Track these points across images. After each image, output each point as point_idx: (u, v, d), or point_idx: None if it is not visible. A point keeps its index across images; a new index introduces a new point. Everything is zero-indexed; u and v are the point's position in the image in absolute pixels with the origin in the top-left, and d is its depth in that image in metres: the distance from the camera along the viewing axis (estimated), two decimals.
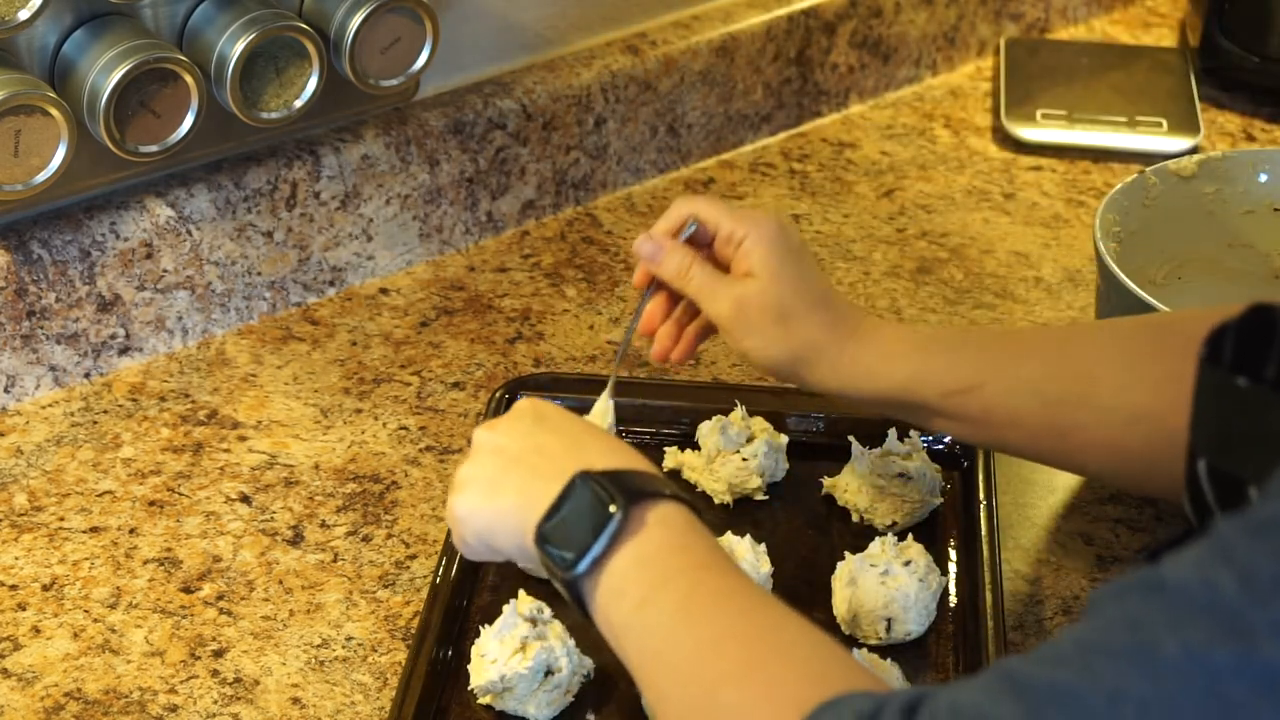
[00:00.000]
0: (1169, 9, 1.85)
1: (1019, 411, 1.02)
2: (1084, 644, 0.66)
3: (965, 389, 1.02)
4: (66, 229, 1.27)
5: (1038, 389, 1.01)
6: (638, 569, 0.85)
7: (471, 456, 0.96)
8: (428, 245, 1.45)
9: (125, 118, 1.22)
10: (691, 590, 0.84)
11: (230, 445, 1.25)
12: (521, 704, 1.02)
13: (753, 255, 1.05)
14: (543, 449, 0.92)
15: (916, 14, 1.69)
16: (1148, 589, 0.66)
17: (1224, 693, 0.62)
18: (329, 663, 1.08)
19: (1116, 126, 1.63)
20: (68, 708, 1.05)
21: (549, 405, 0.97)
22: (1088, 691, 0.65)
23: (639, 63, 1.52)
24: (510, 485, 0.92)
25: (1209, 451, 0.78)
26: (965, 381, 1.02)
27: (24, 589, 1.13)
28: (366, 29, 1.30)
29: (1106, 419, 0.99)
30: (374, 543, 1.17)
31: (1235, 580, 0.63)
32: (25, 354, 1.27)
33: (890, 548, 1.09)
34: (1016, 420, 1.02)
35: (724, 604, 0.84)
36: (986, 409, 1.02)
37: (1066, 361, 1.02)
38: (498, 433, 0.95)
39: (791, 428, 1.22)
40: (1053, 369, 1.02)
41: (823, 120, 1.66)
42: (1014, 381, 1.02)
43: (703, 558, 0.86)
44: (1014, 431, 1.03)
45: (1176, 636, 0.63)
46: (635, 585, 0.85)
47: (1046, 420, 1.01)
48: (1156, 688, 0.63)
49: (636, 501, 0.87)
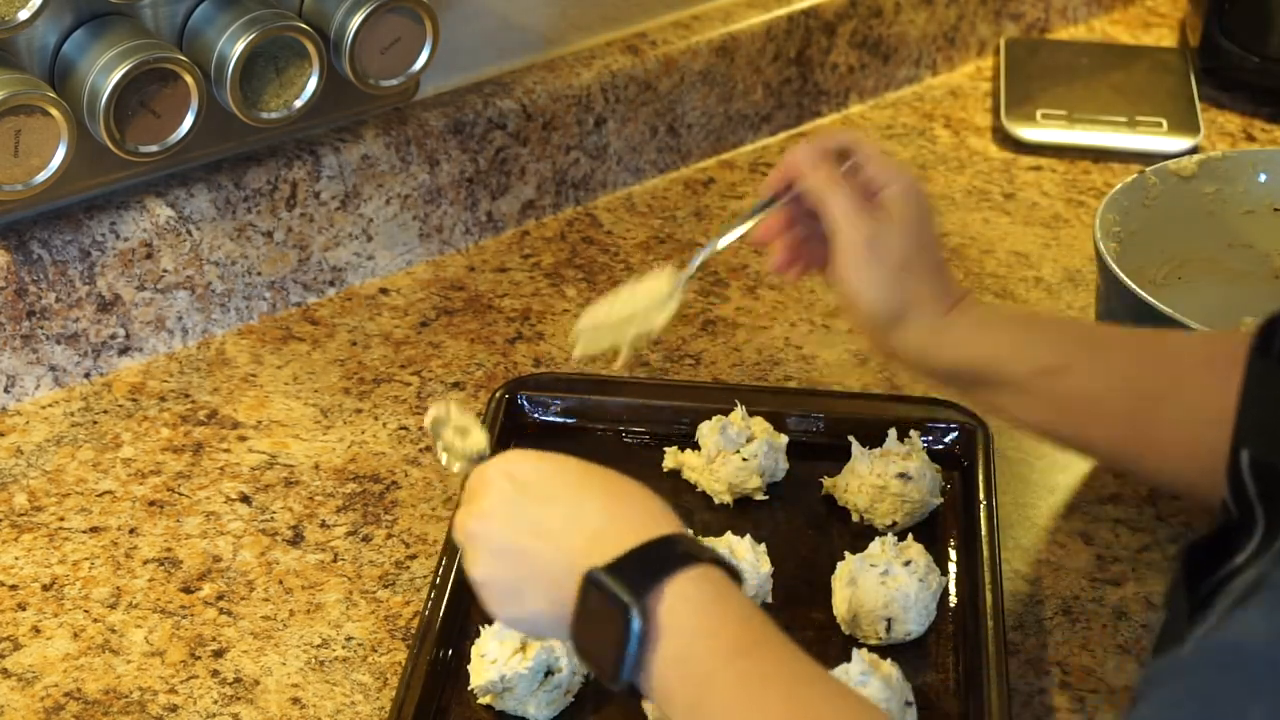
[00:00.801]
0: (1169, 9, 1.85)
1: (1104, 399, 1.01)
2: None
3: (1055, 369, 1.02)
4: (66, 229, 1.27)
5: (1126, 378, 1.01)
6: (678, 669, 0.81)
7: (473, 556, 0.89)
8: (428, 245, 1.45)
9: (125, 118, 1.22)
10: (733, 689, 0.80)
11: (230, 445, 1.25)
12: (521, 704, 1.02)
13: (897, 202, 1.06)
14: (541, 532, 0.87)
15: (916, 14, 1.69)
16: (1220, 665, 0.63)
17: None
18: (329, 663, 1.08)
19: (1116, 126, 1.63)
20: (68, 708, 1.05)
21: (520, 464, 0.90)
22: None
23: (639, 63, 1.52)
24: (530, 594, 0.87)
25: (1253, 442, 0.78)
26: (1057, 361, 1.02)
27: (24, 589, 1.13)
28: (366, 29, 1.30)
29: (1189, 417, 0.98)
30: (374, 543, 1.17)
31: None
32: (25, 354, 1.27)
33: (890, 548, 1.09)
34: (1099, 408, 1.01)
35: (769, 693, 0.80)
36: (1072, 393, 1.02)
37: (1157, 357, 1.02)
38: (486, 522, 0.89)
39: (791, 428, 1.22)
40: (1143, 361, 1.01)
41: (823, 120, 1.66)
42: (1104, 368, 1.02)
43: (737, 638, 0.82)
44: (1094, 420, 1.02)
45: (1259, 705, 0.62)
46: (680, 688, 0.81)
47: (1129, 410, 1.00)
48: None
49: (652, 590, 0.81)
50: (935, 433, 1.21)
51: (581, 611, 0.83)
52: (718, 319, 1.39)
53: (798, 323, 1.39)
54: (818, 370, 1.34)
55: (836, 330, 1.38)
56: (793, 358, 1.35)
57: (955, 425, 1.22)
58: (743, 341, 1.37)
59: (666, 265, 1.31)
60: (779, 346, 1.36)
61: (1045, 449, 1.25)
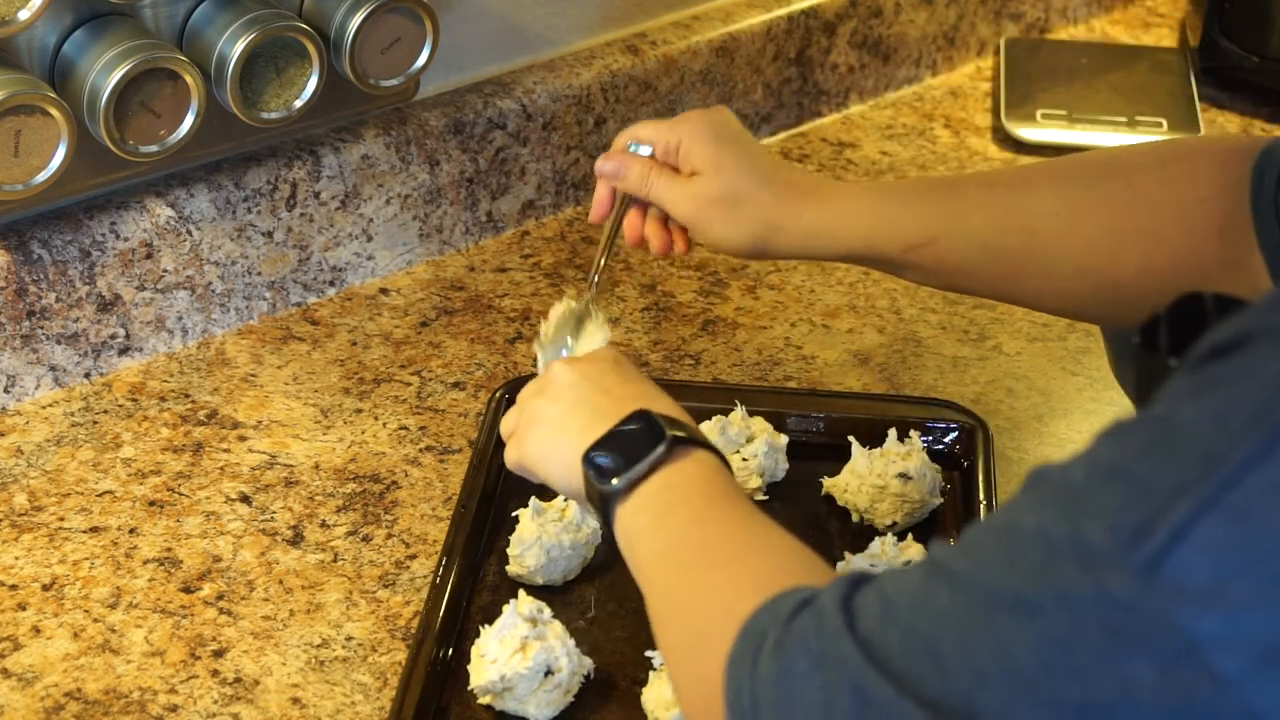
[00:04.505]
0: (1169, 9, 1.85)
1: (973, 263, 1.07)
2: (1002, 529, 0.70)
3: (920, 243, 1.08)
4: (66, 229, 1.27)
5: (985, 243, 1.07)
6: (664, 492, 0.91)
7: (544, 387, 1.01)
8: (428, 245, 1.45)
9: (125, 118, 1.22)
10: (702, 510, 0.90)
11: (230, 445, 1.25)
12: (521, 704, 1.02)
13: (693, 154, 1.11)
14: (610, 391, 0.98)
15: (916, 14, 1.69)
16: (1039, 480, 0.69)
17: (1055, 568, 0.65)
18: (329, 663, 1.08)
19: (1116, 126, 1.63)
20: (68, 708, 1.05)
21: (626, 360, 1.03)
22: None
23: (639, 63, 1.52)
24: (572, 423, 0.97)
25: None
26: (919, 236, 1.08)
27: (24, 589, 1.13)
28: (366, 29, 1.30)
29: (1053, 269, 1.05)
30: (374, 543, 1.17)
31: (1083, 468, 0.66)
32: (25, 354, 1.27)
33: (890, 548, 1.09)
34: (971, 271, 1.08)
35: (726, 518, 0.89)
36: (942, 261, 1.08)
37: (1009, 215, 1.07)
38: (575, 371, 1.00)
39: (791, 428, 1.22)
40: (997, 223, 1.07)
41: (823, 120, 1.66)
42: (963, 236, 1.07)
43: (722, 490, 0.91)
44: (972, 280, 1.09)
45: (1033, 517, 0.67)
46: (656, 502, 0.91)
47: (998, 271, 1.07)
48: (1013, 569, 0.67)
49: (682, 442, 0.92)
50: (935, 433, 1.21)
51: (616, 430, 0.93)
52: (718, 319, 1.39)
53: (798, 323, 1.39)
54: (818, 370, 1.34)
55: (836, 330, 1.38)
56: (793, 358, 1.35)
57: (955, 425, 1.22)
58: (743, 341, 1.37)
59: (566, 292, 1.36)
60: (779, 346, 1.36)
61: (1046, 449, 1.26)
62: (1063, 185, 1.07)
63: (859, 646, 0.71)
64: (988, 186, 1.12)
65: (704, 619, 0.82)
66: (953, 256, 1.07)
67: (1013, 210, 1.07)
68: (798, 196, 1.10)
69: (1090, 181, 1.06)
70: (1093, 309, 1.08)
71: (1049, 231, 1.05)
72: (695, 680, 0.81)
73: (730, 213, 1.10)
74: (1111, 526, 0.63)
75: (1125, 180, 1.04)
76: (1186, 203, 1.01)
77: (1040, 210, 1.06)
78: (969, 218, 1.07)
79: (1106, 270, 1.03)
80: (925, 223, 1.08)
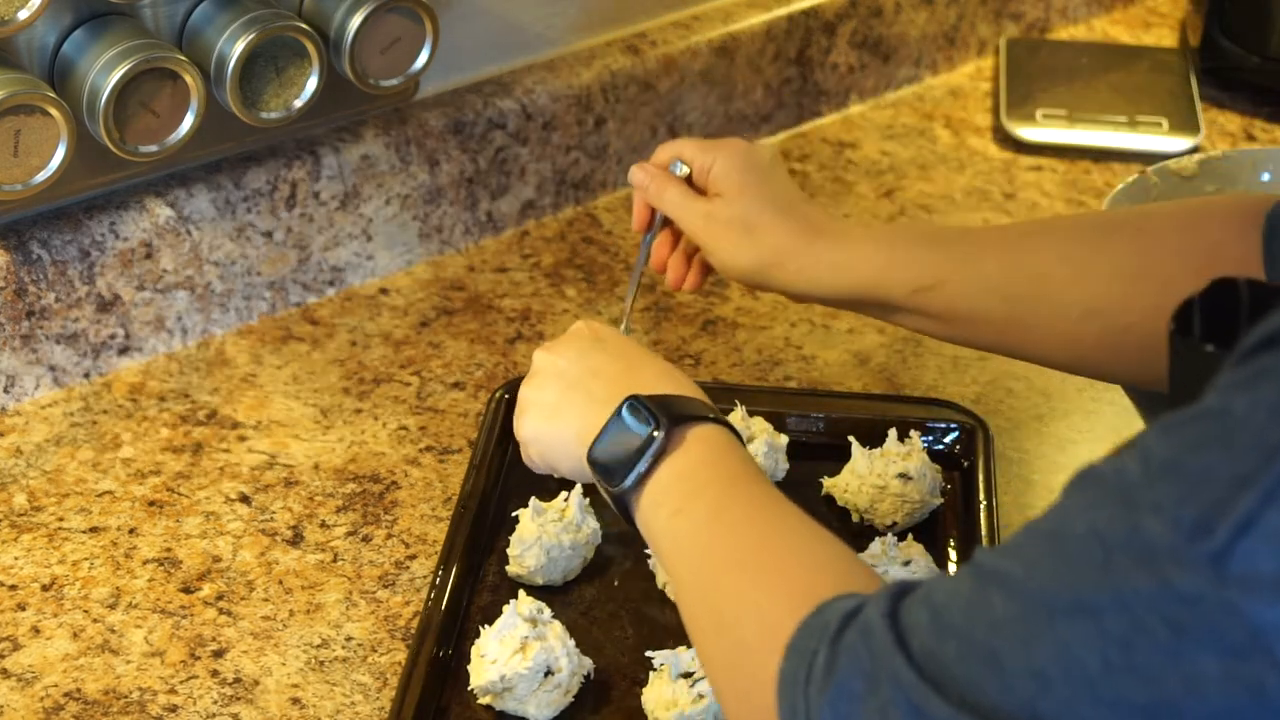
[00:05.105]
0: (1169, 9, 1.85)
1: (980, 308, 1.07)
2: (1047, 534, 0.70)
3: (929, 286, 1.07)
4: (66, 229, 1.27)
5: (995, 286, 1.06)
6: (676, 482, 0.92)
7: (532, 378, 1.03)
8: (428, 245, 1.45)
9: (125, 118, 1.22)
10: (720, 499, 0.90)
11: (230, 445, 1.25)
12: (521, 704, 1.02)
13: (721, 177, 1.13)
14: (598, 372, 0.99)
15: (916, 14, 1.69)
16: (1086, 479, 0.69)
17: (1112, 562, 0.65)
18: (329, 663, 1.08)
19: (1117, 126, 1.63)
20: (67, 708, 1.05)
21: (606, 328, 1.04)
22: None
23: (639, 63, 1.52)
24: (568, 411, 0.99)
25: None
26: (929, 279, 1.07)
27: (24, 589, 1.13)
28: (366, 29, 1.29)
29: (1062, 313, 1.04)
30: (374, 543, 1.17)
31: (1136, 464, 0.66)
32: (25, 354, 1.27)
33: (890, 548, 1.09)
34: (978, 316, 1.07)
35: (748, 509, 0.89)
36: (950, 306, 1.08)
37: (1021, 259, 1.06)
38: (556, 354, 1.02)
39: (791, 428, 1.22)
40: (1009, 267, 1.06)
41: (823, 120, 1.66)
42: (974, 279, 1.07)
43: (735, 471, 0.92)
44: (977, 327, 1.08)
45: (1086, 517, 0.67)
46: (672, 497, 0.91)
47: (1006, 316, 1.06)
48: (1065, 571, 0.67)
49: (679, 423, 0.93)
50: (935, 433, 1.21)
51: (611, 425, 0.94)
52: (718, 319, 1.39)
53: (798, 323, 1.39)
54: (818, 370, 1.34)
55: (836, 330, 1.38)
56: (793, 358, 1.35)
57: (955, 425, 1.22)
58: (743, 341, 1.37)
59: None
60: (779, 346, 1.36)
61: (1046, 449, 1.26)
62: (1075, 232, 1.07)
63: (911, 663, 0.71)
64: (1000, 233, 1.12)
65: (739, 627, 0.83)
66: (961, 302, 1.07)
67: (1025, 254, 1.07)
68: (812, 232, 1.11)
69: (1103, 229, 1.06)
70: (1098, 355, 1.06)
71: (1060, 276, 1.04)
72: (741, 693, 0.81)
73: (741, 236, 1.11)
74: (1171, 521, 0.63)
75: (1137, 226, 1.05)
76: (1198, 247, 1.01)
77: (1052, 255, 1.05)
78: (982, 261, 1.07)
79: (1116, 313, 1.02)
80: (937, 264, 1.08)
